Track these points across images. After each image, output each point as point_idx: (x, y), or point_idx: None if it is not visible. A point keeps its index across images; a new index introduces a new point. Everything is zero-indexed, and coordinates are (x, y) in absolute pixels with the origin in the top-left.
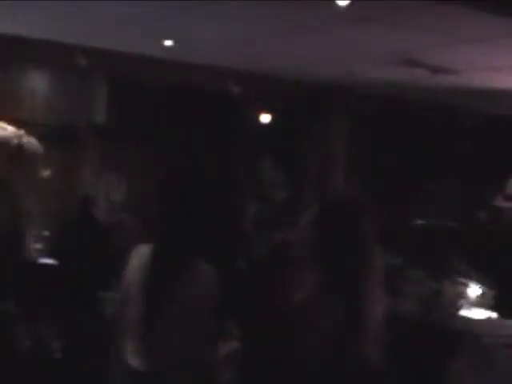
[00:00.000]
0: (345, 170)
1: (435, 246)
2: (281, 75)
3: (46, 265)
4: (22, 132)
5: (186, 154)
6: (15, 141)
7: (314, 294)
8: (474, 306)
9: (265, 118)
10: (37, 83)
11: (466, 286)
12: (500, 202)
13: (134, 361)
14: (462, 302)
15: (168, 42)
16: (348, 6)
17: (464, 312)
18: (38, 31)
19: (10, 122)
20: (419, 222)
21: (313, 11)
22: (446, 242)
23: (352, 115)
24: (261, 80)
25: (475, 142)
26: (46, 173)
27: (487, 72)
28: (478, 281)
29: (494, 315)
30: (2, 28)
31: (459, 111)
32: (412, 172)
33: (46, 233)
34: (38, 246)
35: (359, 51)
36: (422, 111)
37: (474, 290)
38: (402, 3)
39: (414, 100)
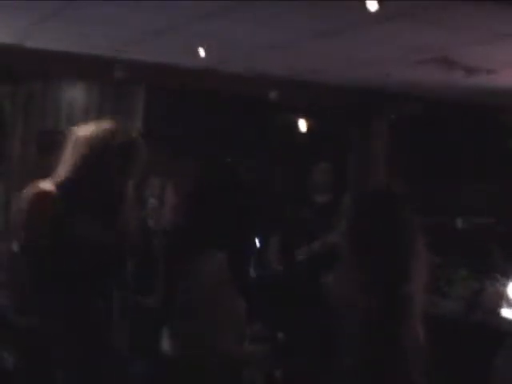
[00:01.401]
0: (386, 172)
1: (477, 245)
2: (318, 79)
3: None
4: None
5: (226, 161)
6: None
7: (356, 291)
8: None
9: (304, 123)
10: (75, 96)
11: (507, 285)
12: None
13: (164, 345)
14: (502, 301)
15: (203, 51)
16: (381, 6)
17: (505, 311)
18: (73, 45)
19: None
20: (460, 221)
21: (346, 12)
22: (487, 240)
23: (391, 117)
24: (299, 85)
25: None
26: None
27: None
28: None
29: None
30: (39, 43)
31: (497, 110)
32: (452, 171)
33: None
34: None
35: (394, 52)
36: (459, 111)
37: None
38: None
39: (451, 100)
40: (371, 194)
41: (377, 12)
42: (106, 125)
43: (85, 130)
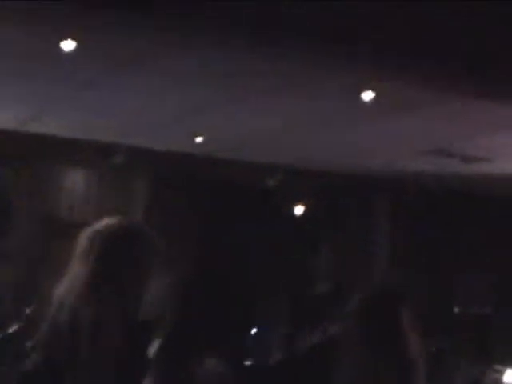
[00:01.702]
0: (386, 260)
1: (474, 333)
2: (316, 168)
3: None
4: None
5: (224, 248)
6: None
7: None
8: None
9: (301, 211)
10: (75, 182)
11: (503, 372)
12: None
13: None
14: None
15: (200, 139)
16: (380, 99)
17: None
18: (73, 131)
19: None
20: (458, 309)
21: (343, 105)
22: (485, 329)
23: (391, 205)
24: (294, 172)
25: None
26: None
27: None
28: None
29: None
30: (39, 128)
31: (495, 199)
32: (452, 260)
33: None
34: None
35: (395, 142)
36: (459, 200)
37: (509, 376)
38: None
39: (451, 189)
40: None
41: (376, 105)
42: (117, 220)
43: (99, 227)
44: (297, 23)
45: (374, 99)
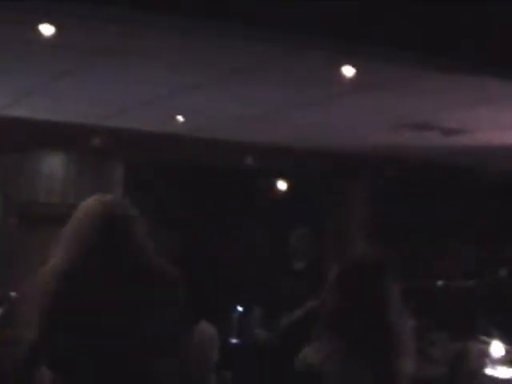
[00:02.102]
0: (364, 236)
1: (458, 306)
2: (293, 146)
3: None
4: None
5: (204, 229)
6: None
7: (339, 359)
8: (498, 365)
9: (280, 189)
10: (53, 166)
11: (489, 344)
12: None
13: None
14: (485, 361)
15: (180, 119)
16: (356, 75)
17: (488, 371)
18: (53, 114)
19: None
20: (441, 282)
21: (321, 81)
22: (469, 301)
23: (368, 181)
24: (273, 151)
25: (495, 200)
26: None
27: (497, 131)
28: (501, 339)
29: None
30: (19, 112)
31: (474, 171)
32: (432, 233)
33: None
34: None
35: (370, 118)
36: (437, 173)
37: (497, 348)
38: (408, 70)
39: (429, 162)
40: (356, 267)
41: (353, 82)
42: (103, 199)
43: (84, 207)
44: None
45: (354, 75)
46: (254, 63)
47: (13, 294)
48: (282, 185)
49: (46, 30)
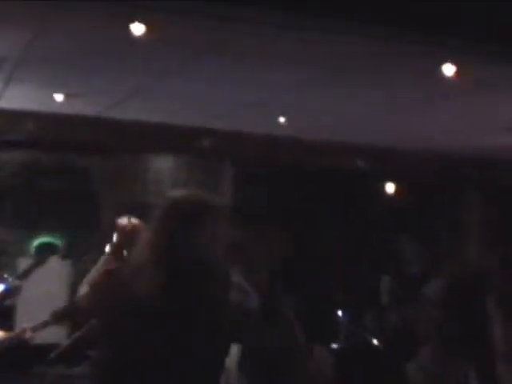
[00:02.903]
0: (477, 241)
1: None
2: (405, 149)
3: None
4: None
5: (315, 233)
6: None
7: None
8: None
9: (393, 193)
10: (162, 167)
11: None
12: None
13: None
14: None
15: (282, 120)
16: (462, 76)
17: None
18: (162, 116)
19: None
20: None
21: (425, 84)
22: None
23: (478, 184)
24: (384, 154)
25: None
26: None
27: None
28: None
29: None
30: (123, 115)
31: None
32: None
33: None
34: None
35: (477, 120)
36: None
37: None
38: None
39: None
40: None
41: (461, 83)
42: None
43: (166, 201)
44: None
45: (453, 76)
46: (357, 63)
47: None
48: (392, 187)
49: (145, 27)
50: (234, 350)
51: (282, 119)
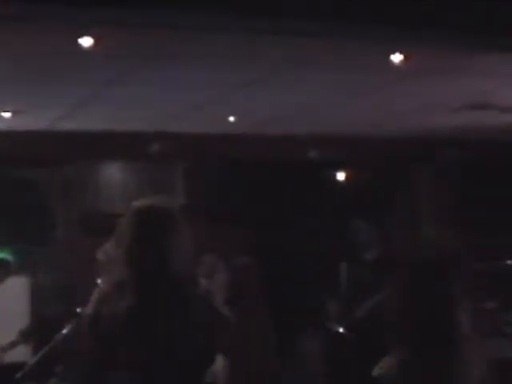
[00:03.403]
0: (435, 223)
1: None
2: (355, 135)
3: None
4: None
5: (272, 226)
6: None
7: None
8: None
9: (345, 180)
10: (113, 173)
11: None
12: None
13: None
14: None
15: (232, 118)
16: (408, 62)
17: None
18: (111, 124)
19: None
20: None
21: (376, 70)
22: None
23: (432, 165)
24: (335, 142)
25: None
26: None
27: None
28: None
29: None
30: (71, 126)
31: None
32: (500, 216)
33: None
34: None
35: (427, 102)
36: (501, 152)
37: None
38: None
39: (491, 142)
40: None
41: (407, 68)
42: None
43: (130, 212)
44: None
45: (404, 61)
46: (305, 54)
47: (79, 309)
48: (345, 175)
49: (90, 39)
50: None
51: (231, 118)
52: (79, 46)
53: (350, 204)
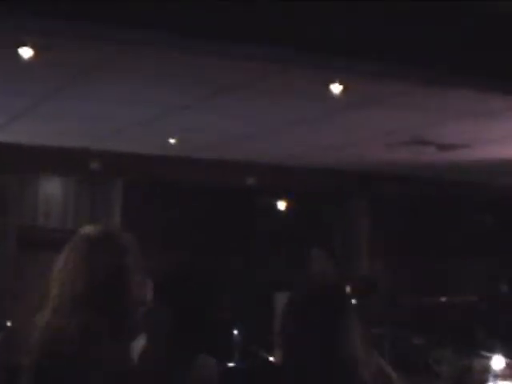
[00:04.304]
0: (367, 252)
1: (459, 322)
2: (287, 164)
3: None
4: None
5: (202, 249)
6: None
7: None
8: (500, 378)
9: (280, 207)
10: (51, 189)
11: (491, 358)
12: None
13: None
14: (488, 375)
15: (173, 140)
16: (347, 93)
17: None
18: (48, 138)
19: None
20: (442, 299)
21: (312, 101)
22: (470, 316)
23: (366, 198)
24: (275, 170)
25: (493, 216)
26: None
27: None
28: (501, 352)
29: None
30: (14, 137)
31: (474, 186)
32: (431, 249)
33: None
34: None
35: (364, 134)
36: (435, 188)
37: (498, 362)
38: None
39: (426, 178)
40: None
41: (346, 99)
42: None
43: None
44: (261, 22)
45: (343, 92)
46: (242, 82)
47: (9, 323)
48: (283, 204)
49: (27, 52)
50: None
51: (171, 140)
52: (19, 57)
53: (287, 231)
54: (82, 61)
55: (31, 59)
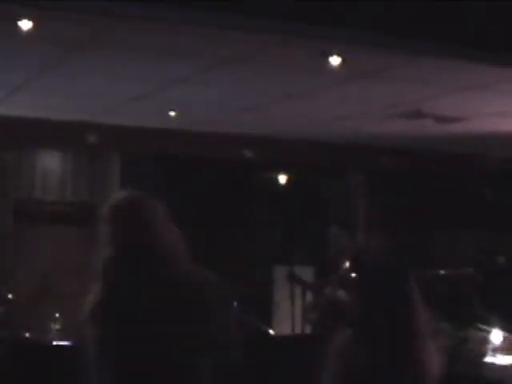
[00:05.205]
0: (366, 227)
1: (458, 295)
2: (287, 137)
3: None
4: None
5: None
6: None
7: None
8: (498, 352)
9: (280, 180)
10: (49, 162)
11: (489, 332)
12: None
13: None
14: (486, 348)
15: (173, 113)
16: (346, 66)
17: (489, 358)
18: (46, 112)
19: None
20: (440, 272)
21: (311, 74)
22: (468, 290)
23: (364, 171)
24: (268, 143)
25: (491, 187)
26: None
27: (492, 117)
28: (500, 326)
29: None
30: (12, 111)
31: (471, 158)
32: (430, 223)
33: None
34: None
35: (362, 107)
36: (433, 161)
37: (496, 336)
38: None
39: (424, 151)
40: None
41: (344, 72)
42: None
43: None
44: None
45: (341, 65)
46: (240, 54)
47: (10, 295)
48: (283, 177)
49: (26, 24)
50: None
51: (171, 112)
52: (18, 29)
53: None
54: (79, 35)
55: (28, 32)
